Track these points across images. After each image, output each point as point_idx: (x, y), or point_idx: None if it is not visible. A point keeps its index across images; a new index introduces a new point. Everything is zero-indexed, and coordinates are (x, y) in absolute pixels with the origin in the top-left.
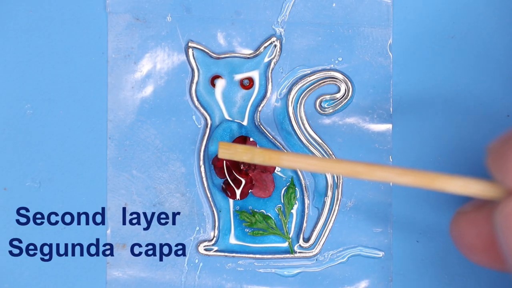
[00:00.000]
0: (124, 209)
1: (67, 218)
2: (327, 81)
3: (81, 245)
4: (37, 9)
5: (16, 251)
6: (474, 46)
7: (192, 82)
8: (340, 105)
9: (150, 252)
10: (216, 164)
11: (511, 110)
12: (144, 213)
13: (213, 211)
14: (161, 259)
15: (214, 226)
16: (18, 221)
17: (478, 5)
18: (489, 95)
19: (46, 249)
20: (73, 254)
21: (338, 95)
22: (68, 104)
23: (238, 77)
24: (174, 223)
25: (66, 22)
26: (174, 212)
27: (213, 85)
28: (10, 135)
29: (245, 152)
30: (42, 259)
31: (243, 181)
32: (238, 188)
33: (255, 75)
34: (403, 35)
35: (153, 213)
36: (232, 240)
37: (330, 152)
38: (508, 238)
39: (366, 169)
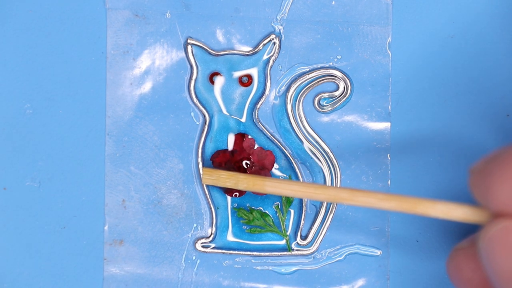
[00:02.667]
0: (121, 205)
1: (67, 216)
2: (325, 79)
3: (78, 241)
4: (37, 9)
5: (15, 250)
6: (474, 46)
7: (190, 79)
8: (339, 103)
9: (147, 249)
10: (214, 160)
11: (511, 110)
12: (142, 210)
13: (210, 208)
14: (158, 256)
15: (212, 223)
16: (18, 221)
17: (478, 4)
18: (489, 95)
19: (45, 247)
20: (70, 251)
21: (337, 93)
22: (67, 100)
23: (237, 74)
24: (171, 219)
25: (66, 19)
26: (172, 209)
27: (212, 82)
28: (10, 135)
29: (229, 178)
30: (41, 256)
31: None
32: None
33: (254, 72)
34: (402, 34)
35: (150, 210)
36: (230, 237)
37: (328, 150)
38: (492, 263)
39: (349, 194)
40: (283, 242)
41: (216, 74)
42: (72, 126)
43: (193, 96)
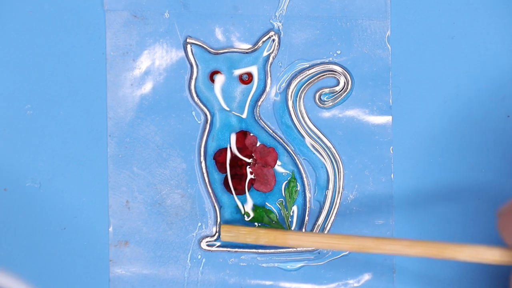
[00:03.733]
0: (125, 206)
1: (69, 217)
2: (326, 74)
3: (83, 244)
4: (37, 9)
5: (17, 251)
6: (474, 45)
7: (191, 78)
8: (340, 98)
9: (152, 249)
10: (218, 159)
11: (511, 111)
12: (146, 210)
13: (214, 206)
14: (163, 256)
15: (216, 221)
16: (18, 222)
17: None
18: (489, 95)
19: (47, 249)
20: (75, 253)
21: (338, 88)
22: (68, 103)
23: (237, 72)
24: (176, 219)
25: (65, 22)
26: (176, 209)
27: (212, 80)
28: (10, 136)
29: (249, 233)
30: (44, 259)
31: (248, 175)
32: (239, 183)
33: (254, 69)
34: (401, 27)
35: (154, 210)
36: None
37: (330, 145)
38: None
39: (374, 243)
40: None
41: (216, 72)
42: (72, 128)
43: (194, 95)
